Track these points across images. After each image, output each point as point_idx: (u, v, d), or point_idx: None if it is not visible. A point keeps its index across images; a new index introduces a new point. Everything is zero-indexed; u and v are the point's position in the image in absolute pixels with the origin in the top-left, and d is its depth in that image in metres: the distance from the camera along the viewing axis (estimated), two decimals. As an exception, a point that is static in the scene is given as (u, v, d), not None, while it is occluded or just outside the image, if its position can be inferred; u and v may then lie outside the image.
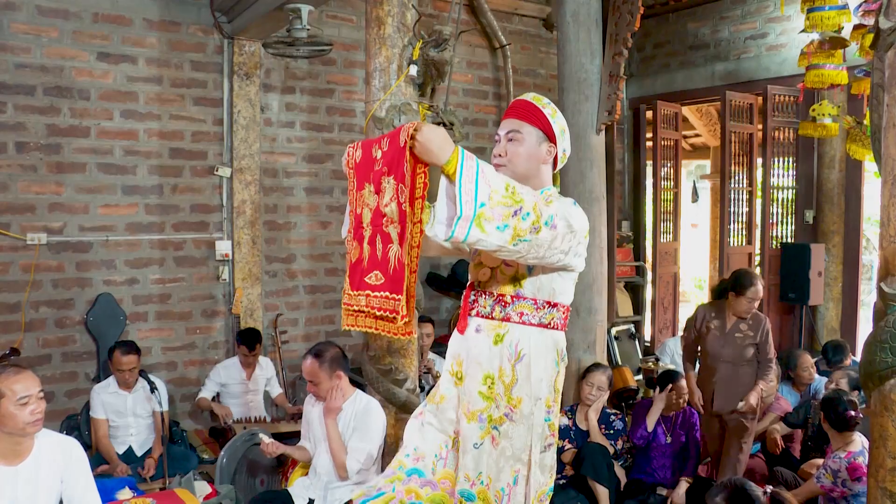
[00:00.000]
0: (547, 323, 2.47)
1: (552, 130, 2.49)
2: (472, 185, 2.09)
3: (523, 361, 2.45)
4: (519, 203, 2.14)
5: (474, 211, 2.07)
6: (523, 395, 2.45)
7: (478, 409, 2.48)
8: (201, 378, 5.92)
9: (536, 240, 2.19)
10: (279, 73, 6.29)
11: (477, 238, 2.10)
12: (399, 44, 3.98)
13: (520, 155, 2.47)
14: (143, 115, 5.77)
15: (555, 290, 2.46)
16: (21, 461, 3.00)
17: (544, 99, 2.54)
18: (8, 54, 5.31)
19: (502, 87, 7.45)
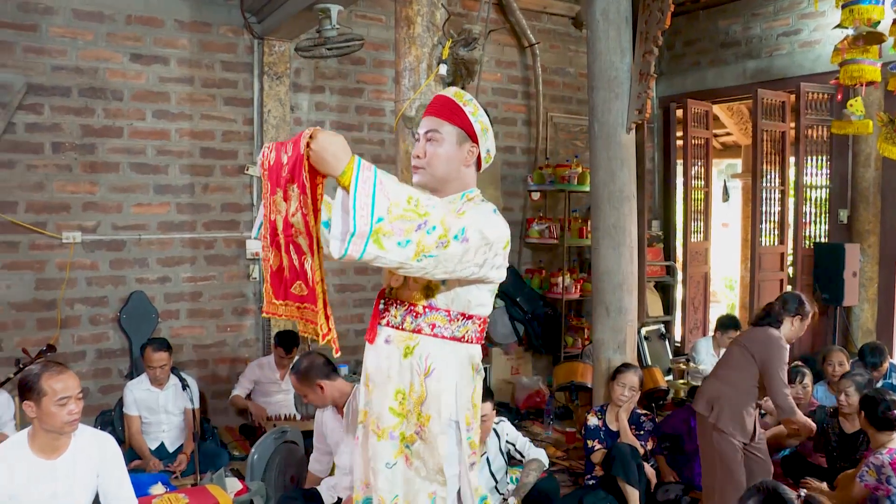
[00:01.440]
0: (461, 336, 2.32)
1: (473, 129, 2.35)
2: (368, 199, 1.94)
3: (433, 376, 2.29)
4: (423, 216, 2.00)
5: (370, 226, 1.92)
6: (432, 412, 2.29)
7: (389, 425, 2.33)
8: (232, 376, 5.97)
9: (444, 254, 2.05)
10: (309, 72, 6.33)
11: (374, 255, 1.96)
12: (429, 43, 3.99)
13: (439, 156, 2.33)
14: (174, 116, 5.84)
15: (470, 301, 2.32)
16: (59, 455, 3.05)
17: (466, 95, 2.39)
18: (45, 57, 5.41)
19: (531, 85, 7.44)
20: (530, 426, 6.11)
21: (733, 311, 10.20)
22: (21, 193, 5.38)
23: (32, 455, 3.03)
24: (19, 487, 2.97)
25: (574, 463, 5.22)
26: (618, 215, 4.90)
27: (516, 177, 7.30)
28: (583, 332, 7.00)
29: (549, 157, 7.34)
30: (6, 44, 5.29)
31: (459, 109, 2.34)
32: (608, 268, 4.95)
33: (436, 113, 2.36)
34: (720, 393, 3.99)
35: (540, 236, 7.11)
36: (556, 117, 7.58)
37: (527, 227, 7.23)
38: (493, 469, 4.05)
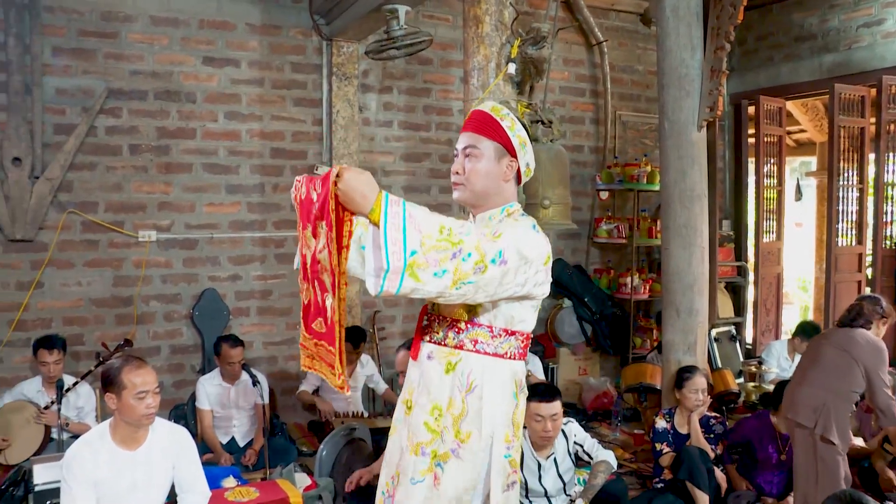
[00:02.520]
0: (504, 352, 2.29)
1: (511, 144, 2.31)
2: (399, 234, 1.94)
3: (475, 393, 2.27)
4: (457, 245, 2.00)
5: (404, 260, 1.93)
6: (473, 429, 2.26)
7: (422, 441, 2.30)
8: (300, 373, 6.05)
9: (483, 279, 2.04)
10: (377, 73, 6.38)
11: (412, 288, 1.96)
12: (497, 42, 3.98)
13: (477, 172, 2.31)
14: (245, 117, 5.95)
15: (513, 317, 2.29)
16: (138, 447, 3.16)
17: (503, 109, 2.37)
18: (124, 62, 5.58)
19: (599, 84, 7.36)
20: (597, 427, 6.06)
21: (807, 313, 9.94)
22: (101, 194, 5.56)
23: (114, 445, 3.13)
24: (103, 476, 3.09)
25: (642, 465, 5.15)
26: (688, 215, 4.82)
27: (584, 176, 7.24)
28: (651, 332, 6.90)
29: (618, 155, 7.25)
30: (89, 51, 5.48)
31: (497, 124, 2.31)
32: (678, 268, 4.87)
33: (473, 129, 2.34)
34: (824, 401, 3.81)
35: (608, 236, 7.04)
36: (625, 115, 7.49)
37: (595, 227, 7.16)
38: (560, 470, 4.02)
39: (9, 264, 5.38)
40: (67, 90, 5.46)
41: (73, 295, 5.55)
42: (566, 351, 6.93)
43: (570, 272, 7.02)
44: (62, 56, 5.44)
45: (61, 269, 5.51)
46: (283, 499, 3.69)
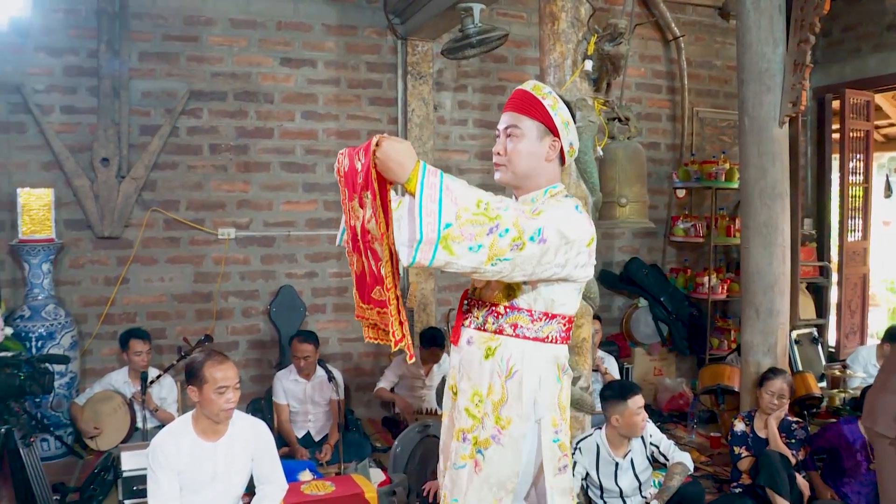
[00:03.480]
0: (544, 336, 2.25)
1: (553, 123, 2.26)
2: (434, 205, 1.90)
3: (514, 378, 2.23)
4: (494, 219, 1.94)
5: (438, 232, 1.89)
6: (513, 415, 2.23)
7: (464, 427, 2.30)
8: (375, 369, 6.13)
9: (520, 257, 1.99)
10: (451, 71, 6.40)
11: (445, 261, 1.92)
12: (573, 39, 3.94)
13: (519, 152, 2.27)
14: (322, 116, 6.04)
15: (553, 300, 2.24)
16: (219, 438, 3.24)
17: (545, 88, 2.31)
18: (205, 65, 5.74)
19: (676, 80, 7.23)
20: (673, 429, 5.95)
21: (895, 315, 9.57)
22: (182, 192, 5.72)
23: (196, 436, 3.22)
24: (185, 465, 3.17)
25: (719, 469, 5.04)
26: (769, 213, 4.69)
27: (661, 174, 7.13)
28: (729, 333, 6.75)
29: (695, 153, 7.11)
30: (172, 55, 5.65)
31: (538, 103, 2.27)
32: (758, 268, 4.74)
33: (514, 108, 2.30)
34: None
35: (685, 234, 6.91)
36: (702, 112, 7.34)
37: (671, 225, 7.04)
38: (637, 471, 3.97)
39: (97, 260, 5.59)
40: (152, 93, 5.64)
41: (156, 290, 5.73)
42: (641, 351, 6.83)
43: (646, 271, 6.92)
44: (147, 60, 5.62)
45: (145, 265, 5.70)
46: (359, 494, 3.73)
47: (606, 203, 4.31)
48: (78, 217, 5.51)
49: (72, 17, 5.43)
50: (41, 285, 5.15)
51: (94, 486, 4.33)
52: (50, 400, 5.02)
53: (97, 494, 4.29)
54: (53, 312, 5.13)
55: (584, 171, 3.95)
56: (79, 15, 5.44)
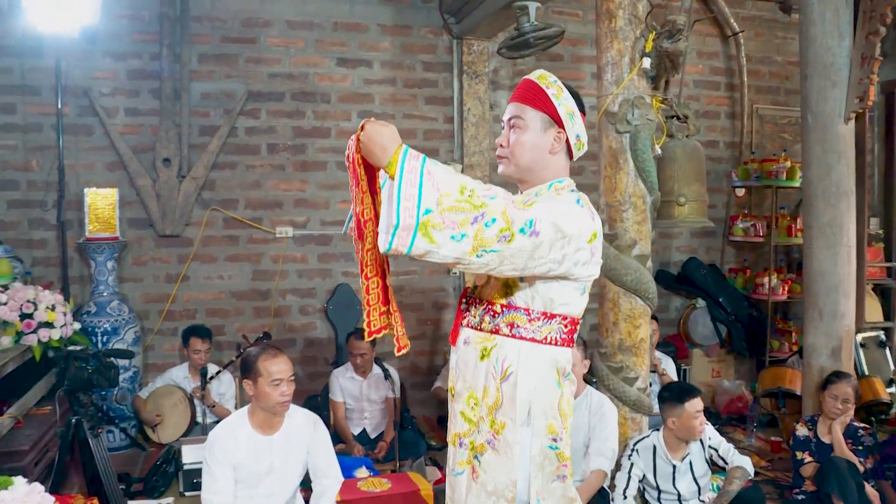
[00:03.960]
0: (542, 338, 2.14)
1: (557, 114, 2.16)
2: (414, 189, 1.81)
3: (509, 381, 2.12)
4: (479, 207, 1.83)
5: (416, 218, 1.80)
6: (507, 419, 2.12)
7: (460, 431, 2.22)
8: (432, 367, 6.15)
9: (509, 249, 1.88)
10: (507, 70, 6.38)
11: (425, 249, 1.83)
12: (631, 36, 3.91)
13: (522, 144, 2.17)
14: (378, 116, 6.06)
15: (553, 299, 2.12)
16: (275, 432, 3.30)
17: (550, 77, 2.20)
18: (263, 66, 5.82)
19: (735, 76, 7.10)
20: (731, 432, 5.85)
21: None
22: (241, 192, 5.81)
23: (252, 430, 3.28)
24: (242, 458, 3.24)
25: (780, 474, 4.94)
26: (833, 212, 4.57)
27: (719, 172, 7.01)
28: (790, 335, 6.61)
29: (755, 151, 6.98)
30: (231, 56, 5.75)
31: (542, 93, 2.17)
32: (822, 269, 4.63)
33: (519, 98, 2.21)
34: None
35: (744, 234, 6.79)
36: (762, 109, 7.19)
37: (730, 225, 6.92)
38: (696, 475, 3.91)
39: (159, 258, 5.71)
40: (211, 94, 5.75)
41: (215, 288, 5.84)
42: (699, 352, 6.73)
43: (704, 271, 6.82)
44: (207, 62, 5.73)
45: (205, 263, 5.81)
46: (415, 491, 3.75)
47: (664, 202, 4.26)
48: (141, 216, 5.65)
49: (136, 22, 5.57)
50: (106, 282, 5.29)
51: (157, 478, 4.45)
52: (115, 393, 5.16)
53: (159, 485, 4.41)
54: (118, 308, 5.26)
55: (642, 169, 3.92)
56: (142, 20, 5.58)
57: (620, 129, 3.91)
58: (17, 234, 5.45)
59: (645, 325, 4.07)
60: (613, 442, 3.80)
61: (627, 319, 4.02)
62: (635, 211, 3.97)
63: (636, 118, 3.87)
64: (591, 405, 3.89)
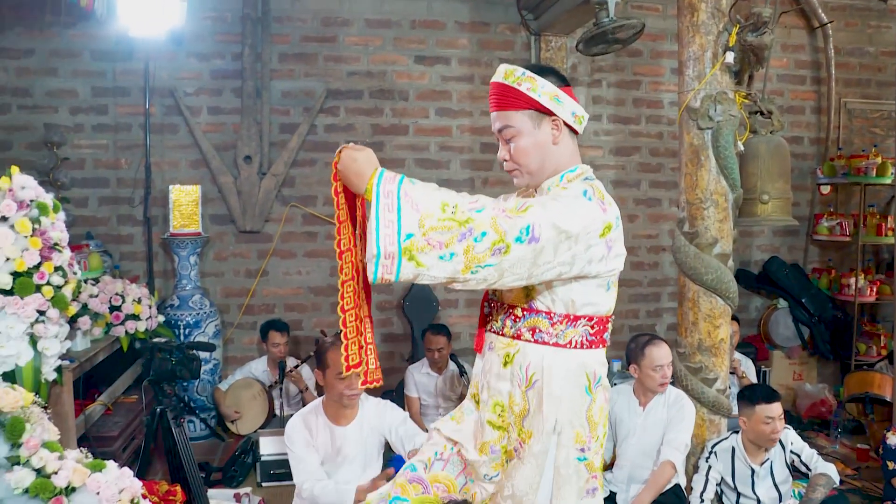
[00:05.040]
0: (567, 342, 2.03)
1: (541, 105, 2.04)
2: (393, 214, 1.74)
3: (535, 388, 2.03)
4: (465, 223, 1.75)
5: (398, 245, 1.73)
6: (534, 428, 2.03)
7: (489, 440, 2.13)
8: (505, 365, 6.13)
9: (507, 261, 1.78)
10: (585, 66, 6.32)
11: (414, 274, 1.76)
12: (714, 30, 3.82)
13: (524, 151, 2.08)
14: (455, 113, 6.10)
15: (574, 301, 2.02)
16: (349, 423, 3.34)
17: (517, 70, 2.06)
18: (342, 64, 5.90)
19: (822, 69, 6.86)
20: (813, 438, 5.67)
21: None
22: (319, 188, 5.90)
23: (326, 420, 3.33)
24: (318, 447, 3.31)
25: (868, 484, 4.76)
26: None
27: (804, 169, 6.80)
28: (879, 339, 6.37)
29: (842, 146, 6.74)
30: (311, 55, 5.85)
31: (516, 91, 2.05)
32: (914, 269, 4.46)
33: (497, 106, 2.10)
34: None
35: (829, 233, 6.57)
36: (851, 103, 6.94)
37: (814, 224, 6.70)
38: (777, 480, 3.81)
39: (240, 253, 5.85)
40: (291, 92, 5.85)
41: (293, 283, 5.95)
42: (780, 354, 6.55)
43: (786, 271, 6.63)
44: (287, 61, 5.83)
45: (284, 258, 5.92)
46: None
47: (747, 200, 4.15)
48: (222, 212, 5.79)
49: (219, 23, 5.71)
50: (189, 276, 5.44)
51: (235, 468, 4.56)
52: (196, 385, 5.31)
53: (237, 475, 4.53)
54: (199, 302, 5.40)
55: (724, 166, 3.83)
56: (225, 21, 5.71)
57: (702, 125, 3.82)
58: (107, 230, 5.66)
59: (725, 325, 3.98)
60: (687, 436, 3.73)
61: (707, 319, 3.94)
62: (717, 209, 3.89)
63: (718, 114, 3.79)
64: (668, 401, 3.83)
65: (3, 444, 2.11)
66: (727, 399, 4.02)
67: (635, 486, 3.85)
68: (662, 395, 3.85)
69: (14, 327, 2.68)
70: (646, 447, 3.85)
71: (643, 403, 3.88)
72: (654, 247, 6.53)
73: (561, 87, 2.09)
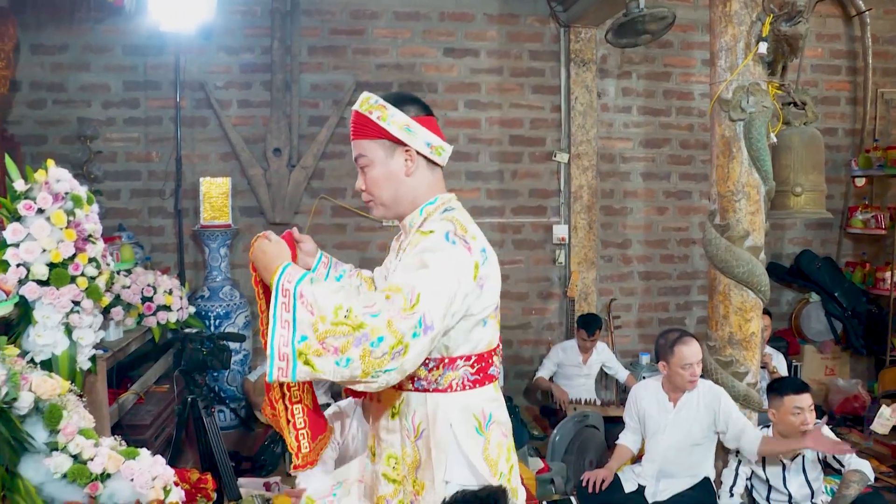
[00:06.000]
0: (446, 386, 1.95)
1: (390, 134, 2.00)
2: (289, 315, 1.69)
3: (423, 437, 1.96)
4: (359, 328, 1.67)
5: (292, 347, 1.68)
6: (426, 479, 1.95)
7: (384, 493, 2.05)
8: (534, 357, 6.14)
9: (408, 361, 1.73)
10: (615, 58, 6.28)
11: (311, 377, 1.71)
12: (746, 20, 3.77)
13: (375, 181, 2.03)
14: (484, 105, 6.09)
15: (447, 346, 1.94)
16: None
17: (371, 98, 2.03)
18: (371, 57, 5.91)
19: (858, 59, 6.73)
20: (846, 434, 5.59)
21: None
22: (349, 180, 5.92)
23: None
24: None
25: (903, 480, 4.70)
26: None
27: (838, 161, 6.70)
28: (915, 334, 6.28)
29: (878, 138, 6.63)
30: (340, 48, 5.86)
31: (367, 120, 2.02)
32: (951, 262, 4.38)
33: (353, 134, 2.06)
34: None
35: (864, 226, 6.47)
36: (889, 93, 6.80)
37: (848, 217, 6.61)
38: (809, 477, 3.76)
39: (269, 246, 5.88)
40: (320, 85, 5.88)
41: (323, 274, 5.96)
42: (812, 349, 6.48)
43: (819, 265, 6.54)
44: (316, 54, 5.86)
45: (314, 250, 5.93)
46: (517, 480, 3.75)
47: (779, 192, 4.10)
48: (252, 204, 5.83)
49: (248, 17, 5.75)
50: (219, 268, 5.48)
51: (265, 457, 4.60)
52: (226, 375, 5.35)
53: (267, 465, 4.57)
54: (229, 294, 5.45)
55: (757, 158, 3.79)
56: (255, 15, 5.75)
57: (734, 116, 3.78)
58: (139, 222, 5.73)
59: (756, 318, 3.94)
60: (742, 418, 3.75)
61: (738, 312, 3.90)
62: (748, 201, 3.84)
63: (751, 105, 3.74)
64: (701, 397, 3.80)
65: (43, 430, 2.15)
66: (758, 394, 3.98)
67: (665, 481, 3.83)
68: (694, 392, 3.82)
69: (50, 317, 2.72)
70: (678, 443, 3.83)
71: (673, 399, 3.86)
72: (683, 239, 6.48)
73: (417, 117, 2.04)
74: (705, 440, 3.85)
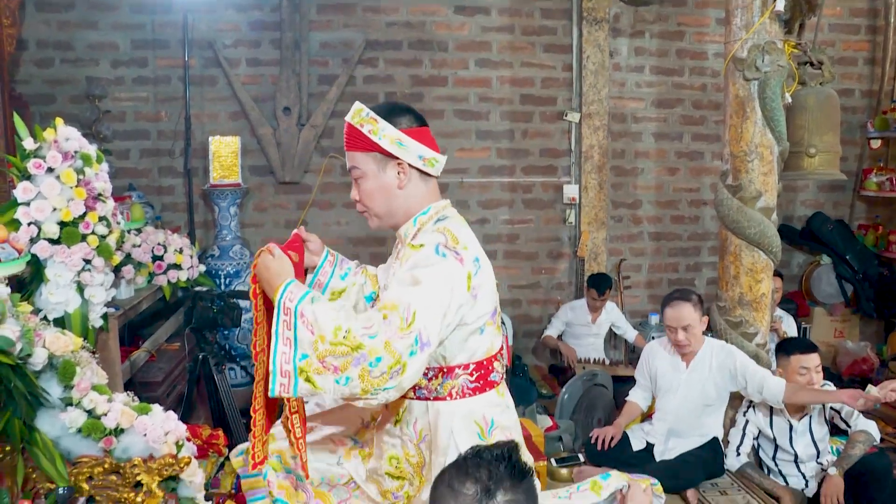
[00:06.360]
0: (446, 394, 2.02)
1: (381, 148, 2.03)
2: (290, 333, 1.75)
3: (426, 441, 2.04)
4: (357, 349, 1.71)
5: (294, 364, 1.73)
6: (428, 479, 2.01)
7: (390, 487, 2.12)
8: (543, 317, 6.15)
9: (407, 379, 1.76)
10: (628, 17, 6.19)
11: (312, 393, 1.75)
12: (764, -24, 3.71)
13: (369, 193, 2.08)
14: (496, 64, 6.03)
15: (444, 356, 2.01)
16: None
17: (363, 111, 2.06)
18: (381, 15, 5.85)
19: (879, 18, 6.57)
20: (854, 396, 5.61)
21: None
22: (358, 140, 5.88)
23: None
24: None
25: (909, 441, 4.72)
26: None
27: (853, 123, 6.61)
28: (926, 297, 6.26)
29: None
30: (349, 6, 5.80)
31: (359, 133, 2.05)
32: (965, 225, 4.35)
33: (347, 146, 2.10)
34: None
35: (878, 189, 6.42)
36: (908, 54, 6.69)
37: (863, 179, 6.55)
38: (815, 437, 3.78)
39: (279, 204, 5.89)
40: (330, 43, 5.82)
41: (333, 234, 5.98)
42: (822, 311, 6.47)
43: (831, 227, 6.50)
44: (326, 12, 5.79)
45: (323, 209, 5.95)
46: (526, 436, 3.77)
47: (793, 153, 4.07)
48: (261, 163, 5.82)
49: (257, -26, 5.69)
50: (229, 227, 5.49)
51: (276, 415, 4.63)
52: (237, 333, 5.38)
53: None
54: (239, 252, 5.46)
55: (771, 118, 3.75)
56: (263, -29, 5.69)
57: (749, 75, 3.74)
58: (149, 182, 5.73)
59: (767, 279, 3.94)
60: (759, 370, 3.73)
61: (749, 273, 3.90)
62: (762, 162, 3.82)
63: (766, 64, 3.69)
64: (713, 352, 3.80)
65: (57, 385, 2.18)
66: (767, 355, 3.99)
67: (674, 440, 3.86)
68: (707, 352, 3.81)
69: (62, 275, 2.74)
70: (689, 403, 3.85)
71: (686, 360, 3.87)
72: (694, 200, 6.44)
73: (409, 129, 2.08)
74: (717, 401, 3.86)
